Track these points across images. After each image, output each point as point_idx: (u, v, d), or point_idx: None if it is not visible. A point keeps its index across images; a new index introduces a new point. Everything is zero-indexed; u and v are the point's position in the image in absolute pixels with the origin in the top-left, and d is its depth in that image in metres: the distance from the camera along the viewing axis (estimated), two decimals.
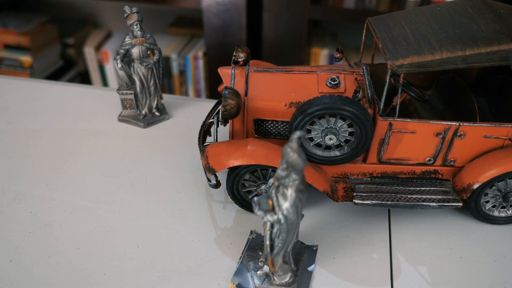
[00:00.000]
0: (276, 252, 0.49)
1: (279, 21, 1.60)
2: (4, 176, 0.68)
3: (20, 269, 0.54)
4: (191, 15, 1.90)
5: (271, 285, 0.53)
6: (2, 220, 0.61)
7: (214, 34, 1.67)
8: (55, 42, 1.84)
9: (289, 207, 0.45)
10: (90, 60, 1.76)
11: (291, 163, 0.42)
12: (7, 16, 1.77)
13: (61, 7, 1.92)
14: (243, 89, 0.60)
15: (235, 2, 1.59)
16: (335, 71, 0.61)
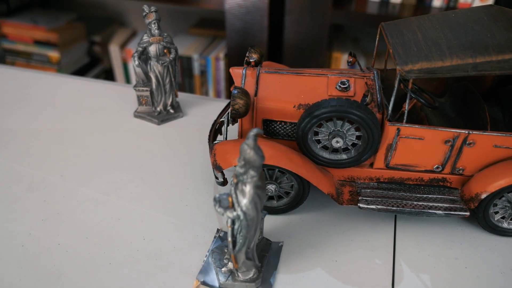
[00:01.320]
0: (238, 248, 0.49)
1: (300, 24, 1.60)
2: (22, 166, 0.71)
3: (31, 254, 0.57)
4: (214, 17, 1.93)
5: (235, 282, 0.53)
6: (17, 207, 0.63)
7: (235, 36, 1.69)
8: (82, 39, 1.89)
9: (247, 204, 0.46)
10: (114, 58, 1.81)
11: (248, 160, 0.44)
12: (37, 13, 1.83)
13: (89, 6, 1.97)
14: (253, 90, 0.60)
15: (257, 5, 1.60)
16: (346, 75, 0.61)
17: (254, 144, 0.43)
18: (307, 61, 1.66)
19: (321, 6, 1.54)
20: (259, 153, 0.43)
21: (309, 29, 1.60)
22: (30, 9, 1.88)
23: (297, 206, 0.63)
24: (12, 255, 0.56)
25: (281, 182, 0.61)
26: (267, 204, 0.63)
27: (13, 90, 0.91)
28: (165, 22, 1.94)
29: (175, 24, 1.95)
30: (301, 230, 0.62)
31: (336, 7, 1.51)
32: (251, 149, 0.43)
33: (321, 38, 1.60)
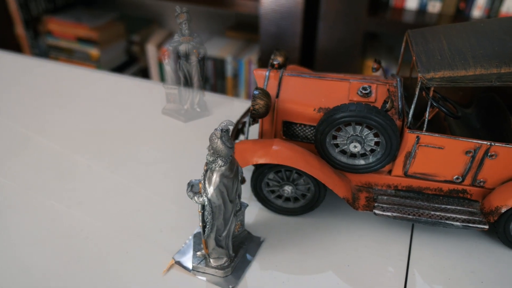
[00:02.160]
0: (207, 234, 0.51)
1: (334, 30, 1.60)
2: (52, 156, 0.74)
3: (53, 239, 0.59)
4: (249, 20, 1.95)
5: (206, 267, 0.55)
6: (45, 195, 0.67)
7: (269, 40, 1.71)
8: (122, 38, 1.96)
9: (212, 191, 0.48)
10: (151, 57, 1.86)
11: (216, 149, 0.47)
12: (81, 12, 1.91)
13: (131, 5, 2.03)
14: (275, 91, 0.61)
15: (291, 10, 1.62)
16: (368, 81, 0.61)
17: (222, 135, 0.46)
18: (339, 67, 1.66)
19: (355, 13, 1.54)
20: (226, 144, 0.46)
21: (342, 36, 1.60)
22: (74, 7, 1.96)
23: (312, 209, 0.63)
24: (39, 238, 0.60)
25: (298, 184, 0.61)
26: (283, 205, 0.63)
27: (55, 84, 0.96)
28: (202, 23, 1.99)
29: (212, 26, 1.98)
30: (314, 232, 0.62)
31: (371, 15, 1.50)
32: (218, 139, 0.46)
33: (354, 45, 1.59)
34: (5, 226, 0.61)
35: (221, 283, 0.54)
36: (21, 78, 0.98)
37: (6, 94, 0.92)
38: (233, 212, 0.52)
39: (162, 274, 0.55)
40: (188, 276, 0.55)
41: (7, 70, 1.02)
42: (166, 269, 0.56)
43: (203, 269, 0.55)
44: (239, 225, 0.57)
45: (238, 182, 0.51)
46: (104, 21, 1.87)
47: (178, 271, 0.56)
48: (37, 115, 0.85)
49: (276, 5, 1.63)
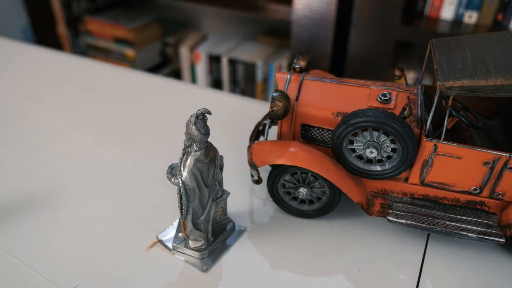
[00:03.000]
0: (184, 215, 0.54)
1: (366, 38, 1.59)
2: (82, 148, 0.78)
3: (78, 225, 0.63)
4: (282, 26, 1.97)
5: (185, 247, 0.58)
6: (73, 183, 0.70)
7: (300, 46, 1.71)
8: (157, 40, 2.01)
9: (186, 174, 0.51)
10: (184, 59, 1.90)
11: (190, 135, 0.50)
12: (119, 13, 1.97)
13: (167, 8, 2.09)
14: (295, 94, 0.62)
15: (324, 17, 1.62)
16: (389, 88, 0.61)
17: (196, 121, 0.50)
18: (369, 75, 1.65)
19: (388, 21, 1.53)
20: (201, 130, 0.49)
21: (374, 44, 1.59)
22: (114, 8, 2.03)
23: (327, 212, 0.64)
24: (61, 224, 0.63)
25: (313, 187, 0.62)
26: (298, 207, 0.64)
27: (91, 81, 1.01)
28: (235, 28, 2.02)
29: (244, 30, 2.01)
30: (327, 234, 0.62)
31: (405, 24, 1.49)
32: (193, 125, 0.50)
33: (385, 53, 1.58)
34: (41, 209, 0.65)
35: (196, 264, 0.57)
36: (61, 74, 1.04)
37: (45, 88, 0.97)
38: (211, 198, 0.55)
39: (144, 250, 0.59)
40: (168, 255, 0.58)
41: (48, 66, 1.07)
42: (149, 246, 0.59)
43: (182, 250, 0.58)
44: (221, 211, 0.60)
45: (216, 169, 0.54)
46: (141, 23, 1.93)
47: (159, 249, 0.59)
48: (72, 108, 0.90)
49: (309, 11, 1.64)
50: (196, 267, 0.56)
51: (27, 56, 1.12)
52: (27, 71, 1.04)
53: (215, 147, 0.54)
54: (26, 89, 0.96)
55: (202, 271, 0.56)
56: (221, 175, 0.57)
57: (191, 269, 0.56)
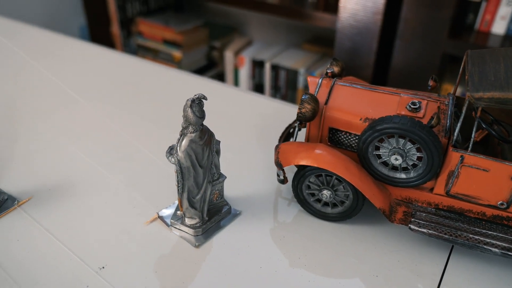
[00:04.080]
0: (180, 193, 0.59)
1: (410, 50, 1.57)
2: (121, 140, 0.83)
3: (110, 210, 0.67)
4: (327, 35, 1.97)
5: (182, 224, 0.62)
6: (110, 172, 0.75)
7: (343, 55, 1.72)
8: (204, 43, 2.07)
9: (181, 153, 0.56)
10: (228, 63, 1.95)
11: (186, 117, 0.55)
12: (170, 16, 2.05)
13: (216, 13, 2.15)
14: (324, 98, 0.64)
15: (369, 27, 1.62)
16: (419, 97, 0.61)
17: (192, 105, 0.54)
18: (413, 88, 1.62)
19: (435, 34, 1.50)
20: (196, 114, 0.55)
21: (419, 56, 1.57)
22: (165, 11, 2.11)
23: (349, 217, 0.64)
24: (97, 208, 0.67)
25: (337, 190, 0.63)
26: (321, 210, 0.65)
27: (138, 78, 1.06)
28: (280, 34, 2.04)
29: (289, 37, 2.03)
30: (348, 237, 0.63)
31: (452, 37, 1.46)
32: (189, 108, 0.54)
33: (431, 66, 1.55)
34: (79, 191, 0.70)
35: (190, 240, 0.61)
36: (111, 70, 1.10)
37: (95, 82, 1.03)
38: (207, 179, 0.59)
39: (144, 224, 0.64)
40: (166, 230, 0.63)
41: (100, 62, 1.14)
42: (149, 221, 0.65)
43: (178, 226, 0.63)
44: (217, 194, 0.64)
45: (211, 152, 0.59)
46: (190, 26, 2.00)
47: (159, 224, 0.64)
48: (116, 102, 0.95)
49: (354, 20, 1.64)
50: (190, 243, 0.61)
51: (82, 52, 1.20)
52: (80, 66, 1.12)
53: (213, 132, 0.59)
54: (77, 82, 1.03)
55: (194, 247, 0.61)
56: (218, 159, 0.62)
57: (185, 244, 0.61)
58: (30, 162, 0.76)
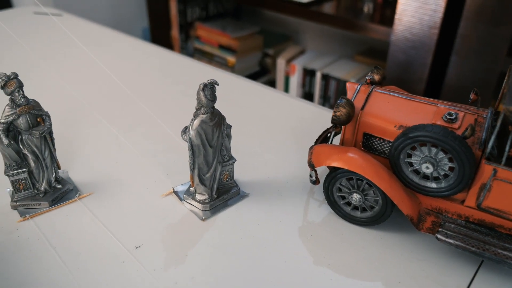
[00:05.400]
0: (191, 169, 0.66)
1: (466, 66, 1.54)
2: (165, 135, 0.88)
3: (150, 196, 0.72)
4: (381, 47, 1.96)
5: (193, 199, 0.69)
6: (152, 163, 0.80)
7: (395, 68, 1.70)
8: (258, 50, 2.13)
9: (192, 132, 0.62)
10: (279, 70, 1.99)
11: (199, 100, 0.61)
12: (227, 22, 2.12)
13: (272, 21, 2.20)
14: (361, 104, 0.65)
15: (424, 41, 1.60)
16: (457, 108, 0.61)
17: (204, 88, 0.61)
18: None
19: (493, 52, 1.46)
20: (207, 97, 0.61)
21: (475, 73, 1.53)
22: (223, 17, 2.19)
23: (378, 222, 0.65)
24: (138, 194, 0.72)
25: (367, 195, 0.64)
26: (351, 213, 0.66)
27: (190, 78, 1.12)
28: (334, 45, 2.06)
29: (343, 48, 2.04)
30: (375, 244, 0.64)
31: None
32: (201, 91, 0.61)
33: (487, 84, 1.51)
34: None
35: (198, 214, 0.68)
36: (168, 69, 1.17)
37: (150, 80, 1.10)
38: (217, 159, 0.66)
39: (160, 196, 0.71)
40: (178, 203, 0.70)
41: (158, 62, 1.22)
42: (165, 194, 0.72)
43: (189, 200, 0.69)
44: (227, 175, 0.70)
45: (221, 134, 0.65)
46: (246, 33, 2.06)
47: (173, 198, 0.71)
48: (167, 100, 1.01)
49: (409, 33, 1.62)
50: (197, 216, 0.67)
51: (142, 52, 1.28)
52: (140, 64, 1.19)
53: (224, 116, 0.66)
54: (134, 80, 1.10)
55: (201, 220, 0.67)
56: (229, 143, 0.68)
57: (193, 217, 0.68)
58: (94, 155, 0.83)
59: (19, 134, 0.64)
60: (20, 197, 0.67)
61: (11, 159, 0.65)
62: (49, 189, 0.68)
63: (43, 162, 0.67)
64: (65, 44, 1.28)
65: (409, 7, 1.56)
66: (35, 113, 0.64)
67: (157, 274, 0.58)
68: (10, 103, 0.62)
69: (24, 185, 0.67)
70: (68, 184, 0.71)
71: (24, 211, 0.66)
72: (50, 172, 0.68)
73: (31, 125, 0.64)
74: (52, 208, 0.67)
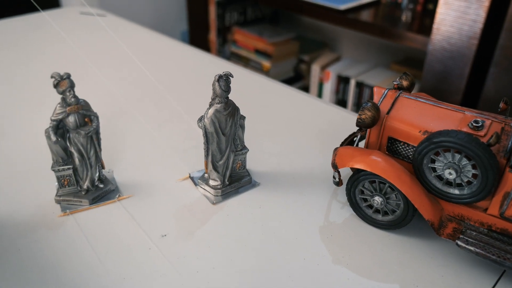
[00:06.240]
0: (205, 156, 0.71)
1: (505, 78, 1.50)
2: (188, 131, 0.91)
3: (172, 188, 0.75)
4: (417, 57, 1.94)
5: (206, 184, 0.73)
6: (181, 156, 0.83)
7: (431, 78, 1.68)
8: (293, 56, 2.14)
9: (206, 120, 0.67)
10: (313, 76, 2.00)
11: (214, 90, 0.66)
12: (264, 28, 2.16)
13: (309, 28, 2.21)
14: (387, 108, 0.66)
15: (463, 51, 1.57)
16: (484, 116, 0.61)
17: (219, 79, 0.64)
18: None
19: None
20: (222, 88, 0.65)
21: None
22: (261, 22, 2.22)
23: (399, 226, 0.65)
24: (167, 188, 0.76)
25: (389, 198, 0.64)
26: (372, 216, 0.67)
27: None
28: (370, 53, 2.05)
29: (379, 56, 2.03)
30: (395, 247, 0.64)
31: None
32: (216, 82, 0.65)
33: None
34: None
35: (210, 198, 0.72)
36: (205, 72, 1.21)
37: (184, 80, 1.15)
38: (229, 147, 0.70)
39: (176, 181, 0.76)
40: (193, 188, 0.75)
41: (194, 63, 1.26)
42: (181, 179, 0.77)
43: (203, 186, 0.74)
44: (240, 164, 0.75)
45: (234, 124, 0.69)
46: (282, 39, 2.08)
47: (188, 183, 0.76)
48: (198, 99, 1.05)
49: (447, 43, 1.60)
50: (209, 200, 0.72)
51: (180, 53, 1.33)
52: (177, 65, 1.24)
53: (238, 107, 0.70)
54: (170, 80, 1.15)
55: (212, 204, 0.71)
56: (242, 134, 0.72)
57: (205, 200, 0.72)
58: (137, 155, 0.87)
59: (68, 132, 0.67)
60: (64, 192, 0.70)
61: (58, 155, 0.68)
62: (91, 187, 0.71)
63: (88, 161, 0.69)
64: (108, 43, 1.35)
65: (448, 17, 1.54)
66: (84, 113, 0.67)
67: (180, 262, 0.61)
68: (61, 101, 0.65)
69: (69, 181, 0.69)
70: (110, 184, 0.73)
71: (66, 207, 0.69)
72: (94, 171, 0.70)
73: (79, 124, 0.66)
74: (91, 207, 0.70)
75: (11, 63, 1.21)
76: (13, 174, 0.77)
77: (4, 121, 0.93)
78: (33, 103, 1.01)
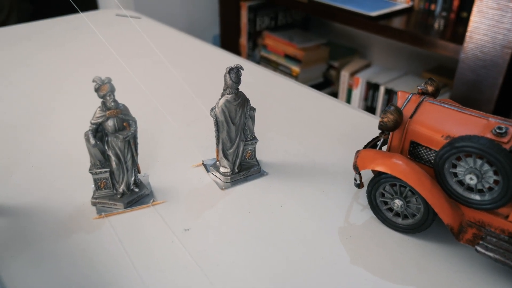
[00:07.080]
0: (216, 143, 0.75)
1: None
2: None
3: (193, 185, 0.77)
4: (449, 66, 1.91)
5: (216, 171, 0.77)
6: (198, 149, 0.86)
7: (462, 87, 1.66)
8: (323, 61, 2.15)
9: (217, 109, 0.71)
10: (342, 82, 2.00)
11: (225, 81, 0.70)
12: (295, 33, 2.17)
13: (339, 34, 2.22)
14: (410, 113, 0.66)
15: (496, 60, 1.55)
16: (508, 123, 0.61)
17: (229, 71, 0.69)
18: None
19: None
20: (232, 79, 0.70)
21: None
22: (292, 28, 2.24)
23: (419, 230, 0.65)
24: (188, 182, 0.78)
25: (409, 202, 0.65)
26: (392, 219, 0.67)
27: (261, 86, 1.18)
28: (401, 60, 2.03)
29: (410, 64, 2.01)
30: (414, 251, 0.64)
31: None
32: (227, 73, 0.69)
33: None
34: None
35: (219, 184, 0.77)
36: None
37: (210, 81, 1.18)
38: (239, 137, 0.74)
39: (190, 166, 0.81)
40: (205, 174, 0.80)
41: (225, 66, 1.29)
42: (195, 165, 0.82)
43: (214, 173, 0.78)
44: (249, 153, 0.78)
45: (243, 114, 0.73)
46: (312, 44, 2.09)
47: (201, 169, 0.81)
48: None
49: (480, 51, 1.58)
50: (218, 186, 0.76)
51: (211, 56, 1.36)
52: (207, 68, 1.27)
53: (248, 98, 0.74)
54: (201, 82, 1.18)
55: (221, 189, 0.76)
56: (252, 124, 0.76)
57: (215, 186, 0.77)
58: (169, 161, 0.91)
59: (106, 135, 0.68)
60: (100, 195, 0.71)
61: (96, 158, 0.70)
62: (127, 191, 0.72)
63: (125, 165, 0.70)
64: (142, 45, 1.40)
65: (482, 25, 1.52)
66: (123, 117, 0.67)
67: (201, 256, 0.63)
68: (101, 105, 0.66)
69: (105, 184, 0.71)
70: (145, 189, 0.73)
71: (101, 209, 0.71)
72: (130, 175, 0.71)
73: (117, 128, 0.67)
74: (126, 210, 0.71)
75: (51, 62, 1.27)
76: (53, 172, 0.80)
77: (46, 121, 0.98)
78: (70, 104, 1.06)
